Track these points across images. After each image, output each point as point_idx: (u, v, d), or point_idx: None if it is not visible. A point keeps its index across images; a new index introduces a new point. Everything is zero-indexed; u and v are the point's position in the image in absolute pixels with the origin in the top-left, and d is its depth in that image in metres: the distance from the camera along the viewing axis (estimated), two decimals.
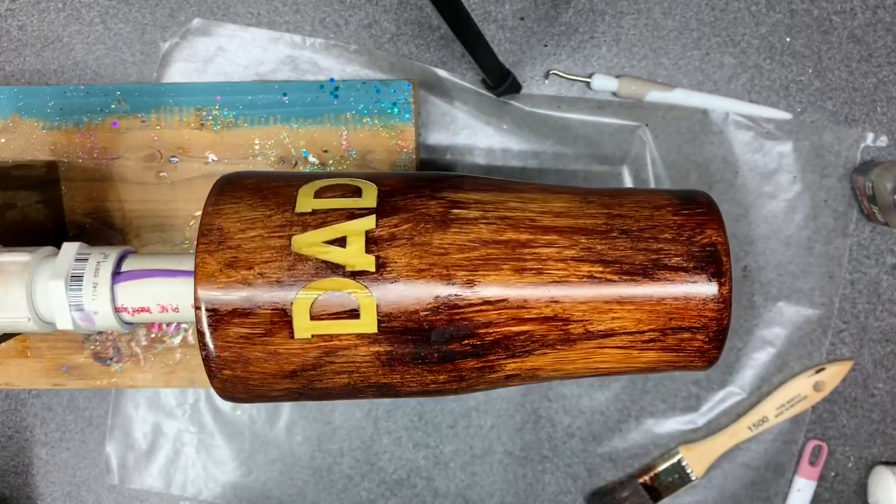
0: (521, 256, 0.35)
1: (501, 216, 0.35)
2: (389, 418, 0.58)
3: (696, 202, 0.38)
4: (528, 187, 0.38)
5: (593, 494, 0.58)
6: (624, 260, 0.35)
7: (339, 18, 0.57)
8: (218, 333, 0.34)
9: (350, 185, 0.37)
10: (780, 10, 0.56)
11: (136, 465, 0.59)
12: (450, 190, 0.36)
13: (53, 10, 0.57)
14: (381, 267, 0.34)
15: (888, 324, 0.57)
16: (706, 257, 0.36)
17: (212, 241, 0.34)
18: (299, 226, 0.34)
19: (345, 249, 0.34)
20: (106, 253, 0.38)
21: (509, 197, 0.37)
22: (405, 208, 0.35)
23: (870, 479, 0.58)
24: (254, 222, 0.35)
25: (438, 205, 0.35)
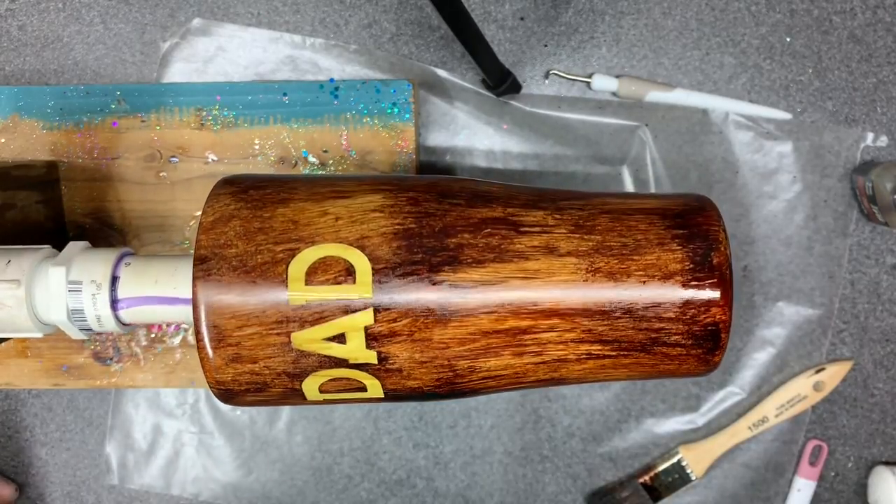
0: (522, 342, 0.36)
1: (502, 302, 0.35)
2: (389, 418, 0.58)
3: (710, 267, 0.35)
4: (531, 251, 0.36)
5: (593, 494, 0.58)
6: (623, 339, 0.36)
7: (339, 18, 0.57)
8: (234, 401, 0.37)
9: (340, 259, 0.34)
10: (780, 10, 0.56)
11: (136, 465, 0.59)
12: (449, 269, 0.35)
13: (53, 10, 0.57)
14: (384, 360, 0.35)
15: (888, 324, 0.57)
16: (706, 336, 0.36)
17: (212, 339, 0.34)
18: (296, 321, 0.34)
19: (345, 346, 0.34)
20: (98, 281, 0.37)
21: (511, 271, 0.35)
22: (403, 300, 0.34)
23: (870, 479, 0.58)
24: (248, 318, 0.34)
25: (437, 294, 0.34)
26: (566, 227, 0.36)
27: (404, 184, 0.37)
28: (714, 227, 0.36)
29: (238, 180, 0.38)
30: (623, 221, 0.36)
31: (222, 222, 0.35)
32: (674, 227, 0.36)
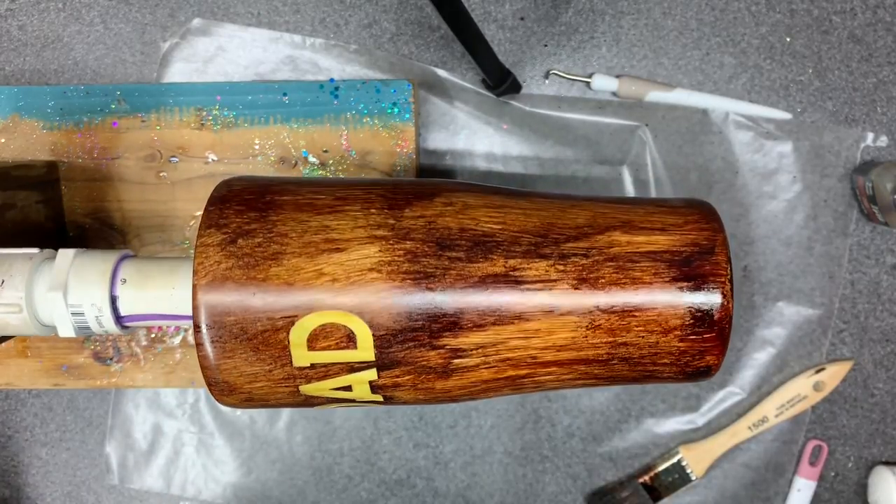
0: (521, 384, 0.37)
1: (503, 359, 0.36)
2: (389, 418, 0.58)
3: (710, 321, 0.36)
4: (530, 314, 0.36)
5: (593, 494, 0.58)
6: (618, 377, 0.38)
7: (339, 18, 0.57)
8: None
9: (340, 326, 0.34)
10: (780, 10, 0.56)
11: (136, 465, 0.59)
12: (449, 334, 0.35)
13: (53, 10, 0.57)
14: (389, 399, 0.37)
15: (888, 324, 0.57)
16: (696, 374, 0.38)
17: (223, 391, 0.36)
18: (303, 378, 0.35)
19: (352, 392, 0.36)
20: (98, 304, 0.37)
21: (512, 332, 0.35)
22: (405, 361, 0.35)
23: (870, 479, 0.58)
24: (256, 376, 0.35)
25: (439, 356, 0.35)
26: (568, 283, 0.35)
27: (399, 230, 0.35)
28: (720, 276, 0.36)
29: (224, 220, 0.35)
30: (628, 272, 0.36)
31: (217, 284, 0.34)
32: (680, 279, 0.36)
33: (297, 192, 0.36)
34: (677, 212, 0.37)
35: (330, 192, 0.37)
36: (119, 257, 0.39)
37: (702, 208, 0.38)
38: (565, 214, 0.37)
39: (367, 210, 0.36)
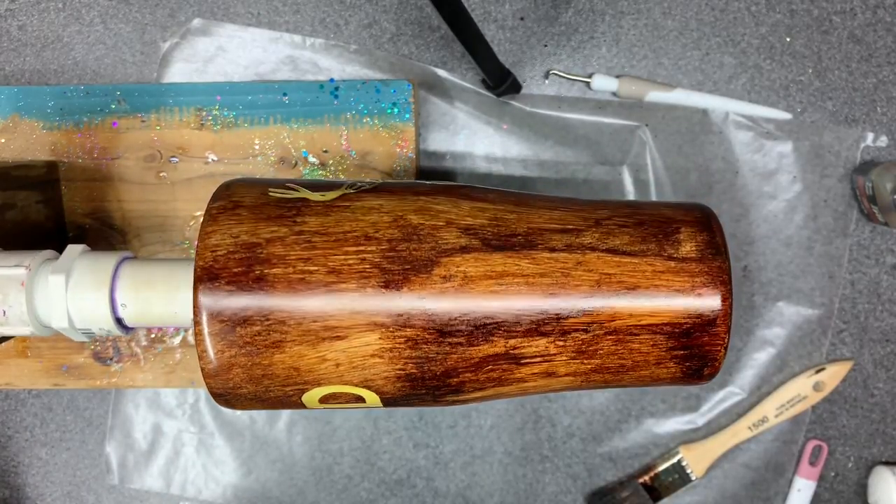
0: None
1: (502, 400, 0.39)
2: (389, 418, 0.58)
3: (699, 377, 0.38)
4: (530, 374, 0.37)
5: (593, 494, 0.58)
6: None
7: (339, 18, 0.57)
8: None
9: (349, 393, 0.37)
10: (780, 10, 0.56)
11: (136, 465, 0.59)
12: (452, 397, 0.37)
13: (53, 10, 0.57)
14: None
15: (888, 324, 0.57)
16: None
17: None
18: (310, 407, 0.39)
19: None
20: (105, 328, 0.38)
21: (511, 391, 0.38)
22: (412, 404, 0.39)
23: (870, 479, 0.58)
24: (264, 404, 0.37)
25: (443, 403, 0.38)
26: (567, 355, 0.36)
27: (399, 317, 0.35)
28: (717, 347, 0.36)
29: (218, 306, 0.34)
30: (626, 344, 0.36)
31: (224, 371, 0.35)
32: (676, 349, 0.36)
33: (286, 259, 0.34)
34: (687, 269, 0.36)
35: (322, 261, 0.34)
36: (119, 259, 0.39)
37: (714, 263, 0.36)
38: (569, 280, 0.36)
39: (362, 289, 0.34)
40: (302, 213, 0.35)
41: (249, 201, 0.36)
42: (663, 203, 0.40)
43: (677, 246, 0.36)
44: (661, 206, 0.39)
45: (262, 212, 0.35)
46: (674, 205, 0.39)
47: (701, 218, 0.38)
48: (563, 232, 0.36)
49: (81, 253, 0.39)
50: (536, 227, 0.36)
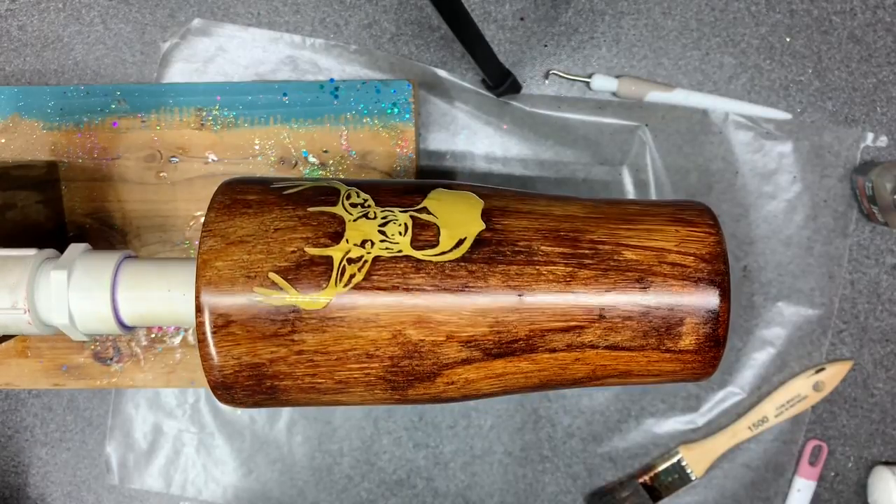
0: None
1: None
2: (389, 418, 0.58)
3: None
4: None
5: (593, 494, 0.58)
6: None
7: (339, 18, 0.57)
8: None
9: None
10: (780, 10, 0.56)
11: (136, 465, 0.59)
12: None
13: (53, 10, 0.57)
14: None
15: (888, 324, 0.57)
16: None
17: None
18: None
19: None
20: (100, 306, 0.38)
21: None
22: None
23: (870, 479, 0.58)
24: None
25: None
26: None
27: (399, 389, 0.36)
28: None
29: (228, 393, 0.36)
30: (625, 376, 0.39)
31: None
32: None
33: (293, 375, 0.35)
34: (682, 358, 0.37)
35: (328, 375, 0.35)
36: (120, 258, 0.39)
37: (710, 353, 0.37)
38: (565, 371, 0.37)
39: (371, 390, 0.36)
40: (297, 330, 0.34)
41: (237, 312, 0.34)
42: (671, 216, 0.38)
43: (677, 340, 0.36)
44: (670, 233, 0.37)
45: (255, 328, 0.34)
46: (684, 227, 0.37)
47: (712, 307, 0.36)
48: (564, 331, 0.36)
49: (83, 252, 0.39)
50: (538, 329, 0.36)
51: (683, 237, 0.37)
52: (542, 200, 0.38)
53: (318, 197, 0.36)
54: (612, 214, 0.38)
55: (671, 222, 0.37)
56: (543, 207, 0.37)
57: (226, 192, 0.37)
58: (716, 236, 0.37)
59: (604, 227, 0.37)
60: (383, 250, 0.35)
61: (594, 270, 0.36)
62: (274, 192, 0.37)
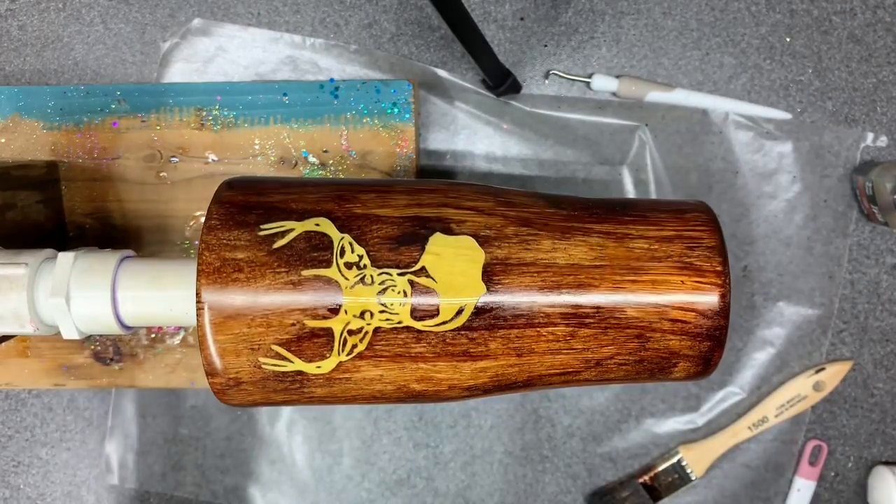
0: None
1: None
2: (389, 418, 0.58)
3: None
4: None
5: (593, 494, 0.58)
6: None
7: (339, 18, 0.57)
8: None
9: None
10: (780, 10, 0.56)
11: (136, 465, 0.59)
12: None
13: (53, 10, 0.57)
14: None
15: (888, 324, 0.57)
16: None
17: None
18: None
19: None
20: (100, 306, 0.38)
21: None
22: None
23: (870, 479, 0.58)
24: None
25: None
26: None
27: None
28: None
29: None
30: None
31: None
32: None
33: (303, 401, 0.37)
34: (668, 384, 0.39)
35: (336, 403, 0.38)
36: (120, 258, 0.39)
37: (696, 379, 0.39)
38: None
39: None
40: (306, 386, 0.36)
41: (247, 376, 0.35)
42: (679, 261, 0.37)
43: (668, 374, 0.38)
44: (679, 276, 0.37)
45: (266, 386, 0.36)
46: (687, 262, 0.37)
47: (706, 353, 0.37)
48: (561, 374, 0.37)
49: (83, 251, 0.39)
50: (537, 375, 0.37)
51: (689, 289, 0.36)
52: (547, 241, 0.36)
53: (311, 253, 0.34)
54: (618, 260, 0.36)
55: (679, 270, 0.36)
56: (547, 254, 0.36)
57: (213, 247, 0.34)
58: (722, 288, 0.36)
59: (608, 280, 0.36)
60: (383, 321, 0.35)
61: (594, 329, 0.36)
62: (263, 244, 0.34)
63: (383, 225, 0.35)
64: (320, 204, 0.36)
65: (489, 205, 0.37)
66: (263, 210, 0.35)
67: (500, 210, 0.36)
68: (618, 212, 0.38)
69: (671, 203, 0.40)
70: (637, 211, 0.38)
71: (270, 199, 0.36)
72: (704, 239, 0.37)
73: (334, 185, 0.38)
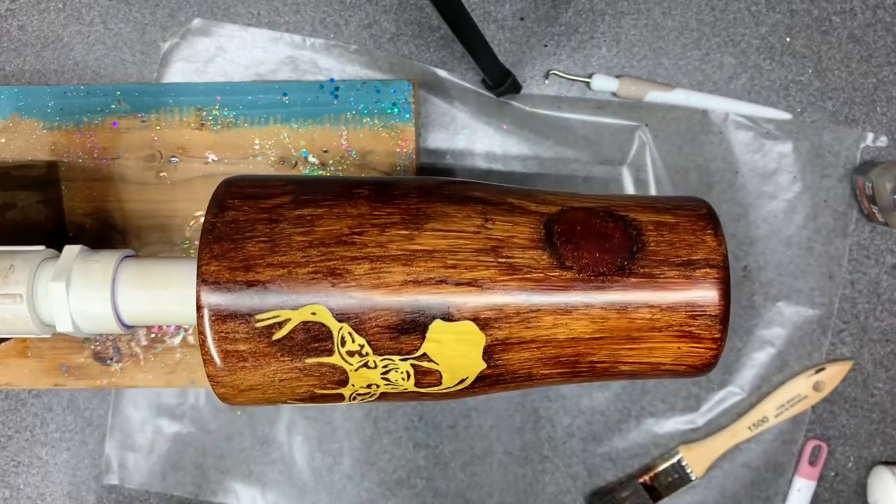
0: None
1: None
2: (389, 418, 0.58)
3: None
4: None
5: (593, 494, 0.58)
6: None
7: (339, 18, 0.57)
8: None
9: None
10: (780, 10, 0.56)
11: (136, 465, 0.59)
12: None
13: (53, 10, 0.57)
14: None
15: (888, 324, 0.57)
16: None
17: None
18: None
19: None
20: (100, 304, 0.38)
21: None
22: None
23: (869, 479, 0.58)
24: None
25: None
26: None
27: None
28: None
29: None
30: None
31: None
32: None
33: None
34: None
35: None
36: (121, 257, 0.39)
37: None
38: None
39: None
40: None
41: None
42: (679, 330, 0.36)
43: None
44: None
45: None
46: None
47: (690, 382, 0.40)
48: None
49: (83, 251, 0.39)
50: None
51: (683, 353, 0.37)
52: (549, 318, 0.35)
53: (312, 343, 0.35)
54: (618, 332, 0.36)
55: (677, 338, 0.36)
56: (548, 330, 0.36)
57: (218, 338, 0.34)
58: (716, 350, 0.37)
59: (606, 349, 0.36)
60: (389, 389, 0.37)
61: (589, 376, 0.38)
62: (262, 336, 0.34)
63: (381, 312, 0.34)
64: (313, 286, 0.34)
65: (490, 273, 0.35)
66: (255, 293, 0.34)
67: (502, 281, 0.35)
68: (626, 270, 0.36)
69: (682, 264, 0.36)
70: (647, 264, 0.36)
71: (260, 278, 0.34)
72: (709, 308, 0.36)
73: (324, 252, 0.35)
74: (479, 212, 0.36)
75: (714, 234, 0.36)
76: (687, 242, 0.36)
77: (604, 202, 0.38)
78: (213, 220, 0.35)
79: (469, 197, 0.37)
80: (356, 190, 0.37)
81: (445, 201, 0.36)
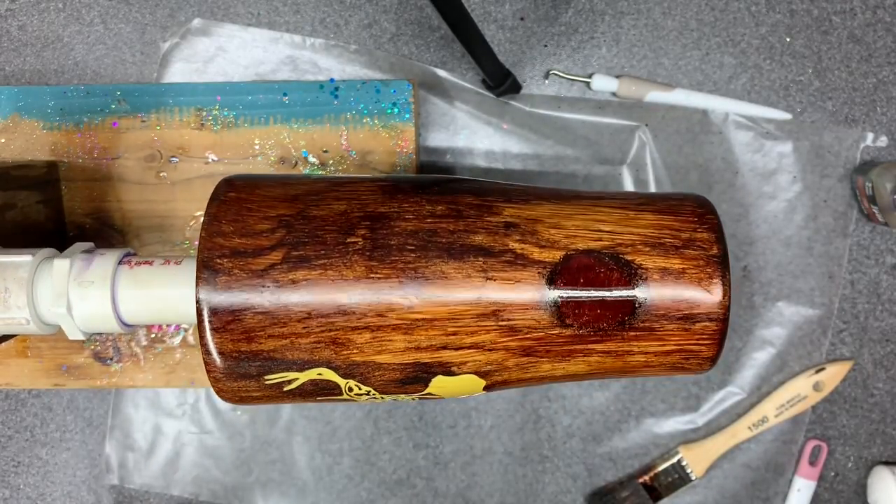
0: None
1: None
2: (389, 418, 0.58)
3: None
4: None
5: (593, 494, 0.58)
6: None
7: (339, 18, 0.57)
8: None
9: None
10: (780, 10, 0.56)
11: (136, 465, 0.59)
12: None
13: (53, 10, 0.57)
14: None
15: (888, 324, 0.57)
16: None
17: None
18: None
19: None
20: (100, 304, 0.38)
21: None
22: None
23: (869, 479, 0.58)
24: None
25: None
26: None
27: None
28: None
29: None
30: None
31: None
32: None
33: None
34: None
35: None
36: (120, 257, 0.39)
37: None
38: None
39: None
40: None
41: None
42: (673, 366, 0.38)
43: None
44: None
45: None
46: None
47: None
48: None
49: (83, 250, 0.39)
50: None
51: (673, 374, 0.39)
52: (547, 365, 0.36)
53: (321, 391, 0.37)
54: (613, 371, 0.37)
55: (668, 371, 0.38)
56: (546, 371, 0.37)
57: (230, 392, 0.36)
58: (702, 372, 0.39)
59: (599, 378, 0.39)
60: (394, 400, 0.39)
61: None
62: (273, 388, 0.36)
63: (385, 371, 0.36)
64: (316, 353, 0.35)
65: (490, 337, 0.35)
66: (261, 361, 0.35)
67: (503, 342, 0.35)
68: (626, 325, 0.36)
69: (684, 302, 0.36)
70: (648, 318, 0.36)
71: (263, 348, 0.35)
72: (703, 352, 0.37)
73: (324, 324, 0.35)
74: (479, 269, 0.35)
75: (721, 283, 0.35)
76: (690, 300, 0.36)
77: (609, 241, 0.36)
78: (208, 296, 0.34)
79: (469, 247, 0.35)
80: (350, 239, 0.35)
81: (444, 256, 0.35)
